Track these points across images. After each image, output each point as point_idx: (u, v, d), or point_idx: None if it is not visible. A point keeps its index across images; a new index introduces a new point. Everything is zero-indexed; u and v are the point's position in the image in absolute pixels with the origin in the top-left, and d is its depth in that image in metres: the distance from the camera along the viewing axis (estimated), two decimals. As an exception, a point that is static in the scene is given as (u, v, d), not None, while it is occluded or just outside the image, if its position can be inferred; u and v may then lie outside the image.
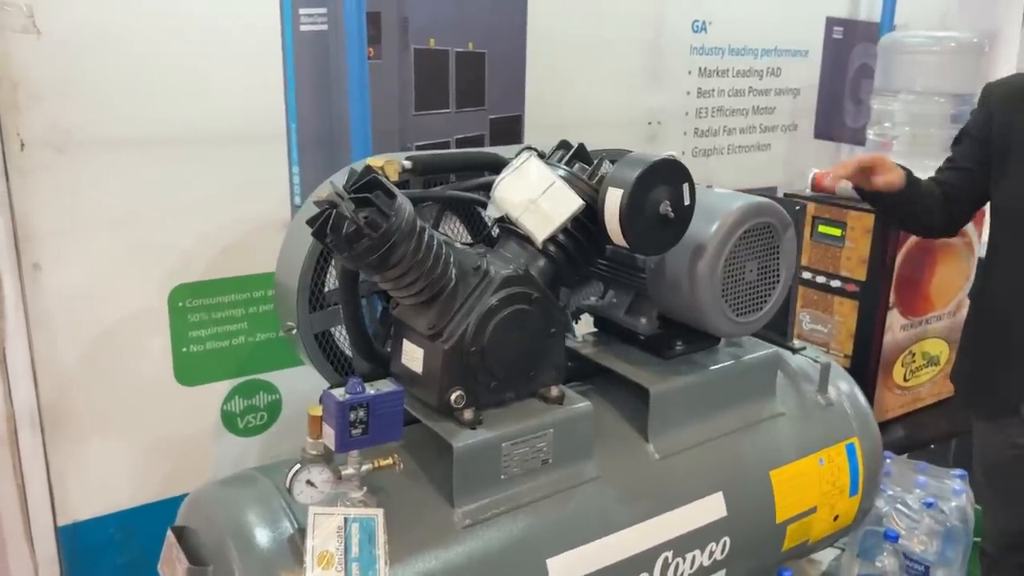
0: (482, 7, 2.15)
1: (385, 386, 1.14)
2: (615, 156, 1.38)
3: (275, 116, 1.97)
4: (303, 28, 1.93)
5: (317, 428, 1.15)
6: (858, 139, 3.41)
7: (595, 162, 1.37)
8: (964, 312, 2.28)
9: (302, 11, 1.93)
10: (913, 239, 2.54)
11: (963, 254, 2.67)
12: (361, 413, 1.09)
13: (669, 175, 1.31)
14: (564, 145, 1.42)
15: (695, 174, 1.35)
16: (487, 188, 1.42)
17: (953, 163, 1.99)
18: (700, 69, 2.83)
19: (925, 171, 2.58)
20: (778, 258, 1.54)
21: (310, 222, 1.13)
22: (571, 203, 1.30)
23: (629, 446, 1.53)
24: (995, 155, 1.84)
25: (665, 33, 2.70)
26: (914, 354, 2.68)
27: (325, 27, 1.93)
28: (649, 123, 2.72)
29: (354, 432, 1.09)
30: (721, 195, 1.50)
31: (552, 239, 1.34)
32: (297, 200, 2.01)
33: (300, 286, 1.41)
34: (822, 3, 3.19)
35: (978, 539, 2.15)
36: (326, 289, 1.47)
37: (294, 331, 1.42)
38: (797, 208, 1.72)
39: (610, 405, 1.58)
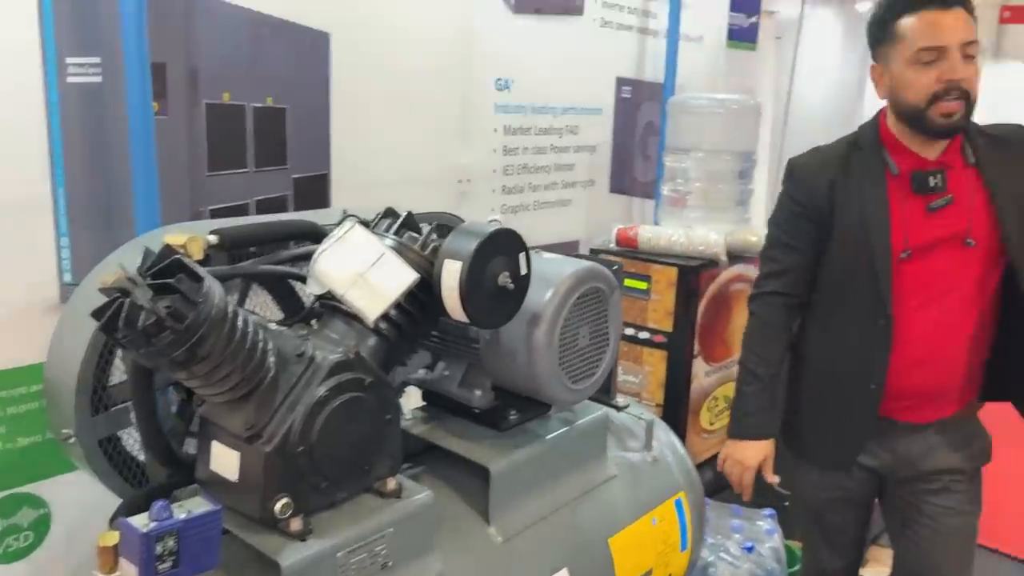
0: (281, 60, 2.01)
1: (197, 505, 0.96)
2: (441, 221, 1.29)
3: (38, 180, 1.70)
4: (71, 80, 1.69)
5: (110, 562, 0.94)
6: (648, 193, 3.57)
7: (426, 231, 1.27)
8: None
9: (69, 60, 1.68)
10: (712, 289, 2.66)
11: (754, 301, 2.84)
12: (170, 543, 0.91)
13: (506, 245, 1.24)
14: (391, 213, 1.31)
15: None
16: (305, 259, 1.27)
17: (791, 254, 1.85)
18: (505, 127, 2.83)
19: (716, 223, 2.72)
20: (607, 321, 1.51)
21: (96, 314, 0.94)
22: (405, 277, 1.19)
23: (471, 531, 1.42)
24: (824, 226, 1.80)
25: (471, 90, 2.68)
26: (717, 398, 2.79)
27: (99, 79, 1.69)
28: (459, 181, 2.67)
29: (162, 567, 0.90)
30: (550, 261, 1.45)
31: (384, 315, 1.21)
32: (67, 277, 1.74)
33: (80, 385, 1.18)
34: (612, 63, 3.32)
35: (792, 571, 2.24)
36: (111, 383, 1.24)
37: (71, 439, 1.18)
38: (615, 268, 1.72)
39: (446, 487, 1.46)
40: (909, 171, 1.73)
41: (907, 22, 1.65)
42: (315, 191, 2.11)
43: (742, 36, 4.78)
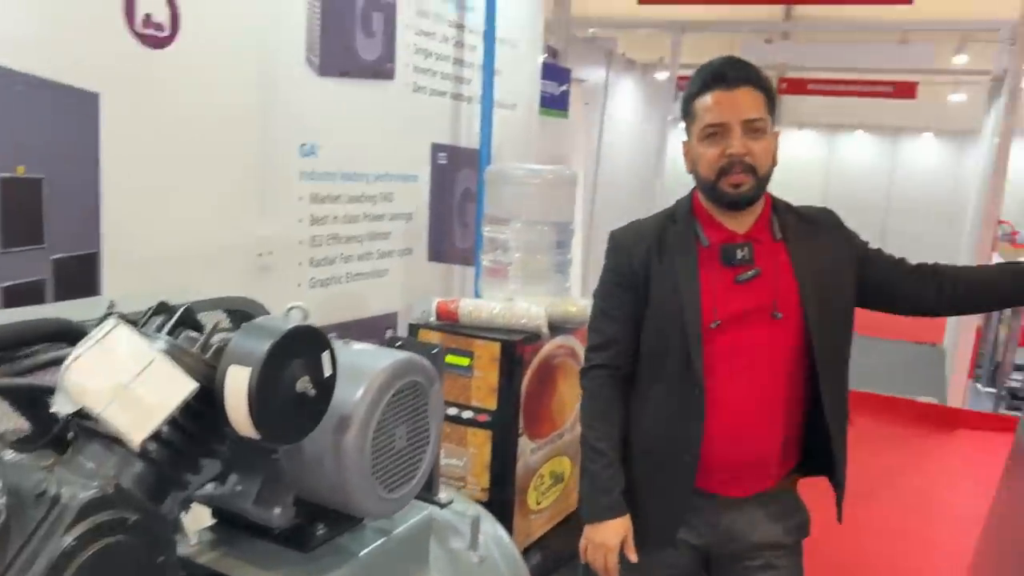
0: (36, 125, 1.73)
1: None
2: (234, 307, 1.10)
3: None
4: None
5: None
6: (467, 259, 3.49)
7: (208, 328, 1.08)
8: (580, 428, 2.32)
9: None
10: (536, 363, 2.58)
11: (575, 372, 2.79)
12: None
13: (306, 344, 1.07)
14: (164, 308, 1.10)
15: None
16: (58, 364, 1.04)
17: (614, 326, 1.85)
18: (312, 195, 2.65)
19: (536, 294, 2.66)
20: (427, 417, 1.36)
21: None
22: (179, 387, 0.99)
23: None
24: (641, 296, 1.83)
25: (272, 156, 2.48)
26: (544, 476, 2.70)
27: None
28: (260, 254, 2.44)
29: None
30: (360, 353, 1.29)
31: (153, 435, 1.00)
32: None
33: None
34: (426, 129, 3.24)
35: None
36: None
37: None
38: (435, 352, 1.59)
39: (240, 628, 1.24)
40: (719, 243, 1.77)
41: (699, 101, 1.74)
42: (81, 273, 1.82)
43: (554, 104, 4.90)
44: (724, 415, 1.76)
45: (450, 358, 2.48)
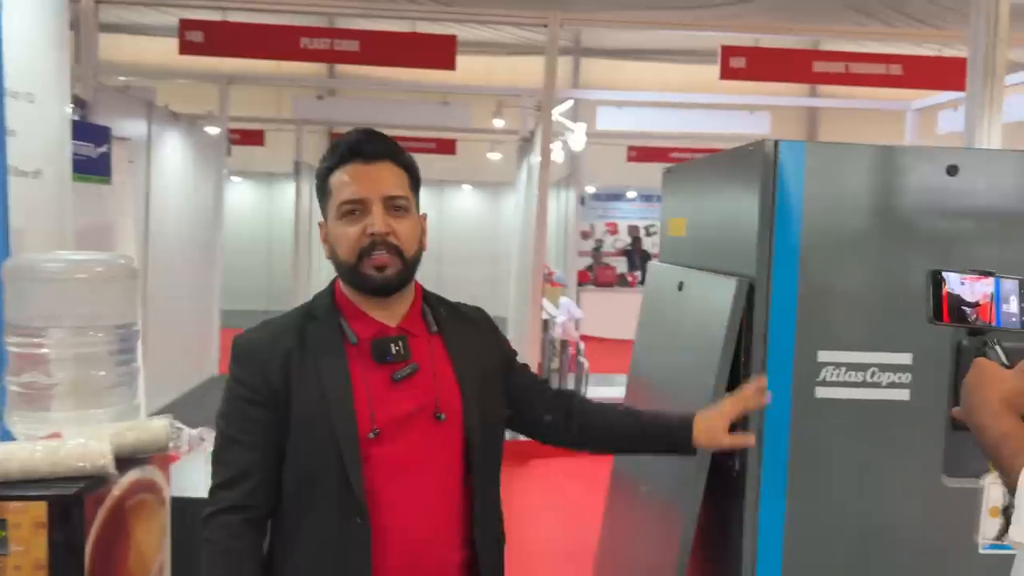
0: None
1: None
2: None
3: None
4: None
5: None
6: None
7: None
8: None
9: None
10: (102, 517, 1.98)
11: (157, 510, 2.23)
12: None
13: None
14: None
15: None
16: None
17: (247, 455, 1.53)
18: None
19: (96, 421, 2.08)
20: None
21: None
22: None
23: None
24: (282, 412, 1.54)
25: None
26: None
27: None
28: None
29: None
30: None
31: None
32: None
33: None
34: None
35: None
36: None
37: None
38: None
39: None
40: (369, 338, 1.57)
41: (336, 177, 1.58)
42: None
43: (92, 168, 4.12)
44: (395, 543, 1.51)
45: (-29, 536, 1.76)
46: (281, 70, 12.30)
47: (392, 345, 1.56)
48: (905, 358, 1.97)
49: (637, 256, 14.69)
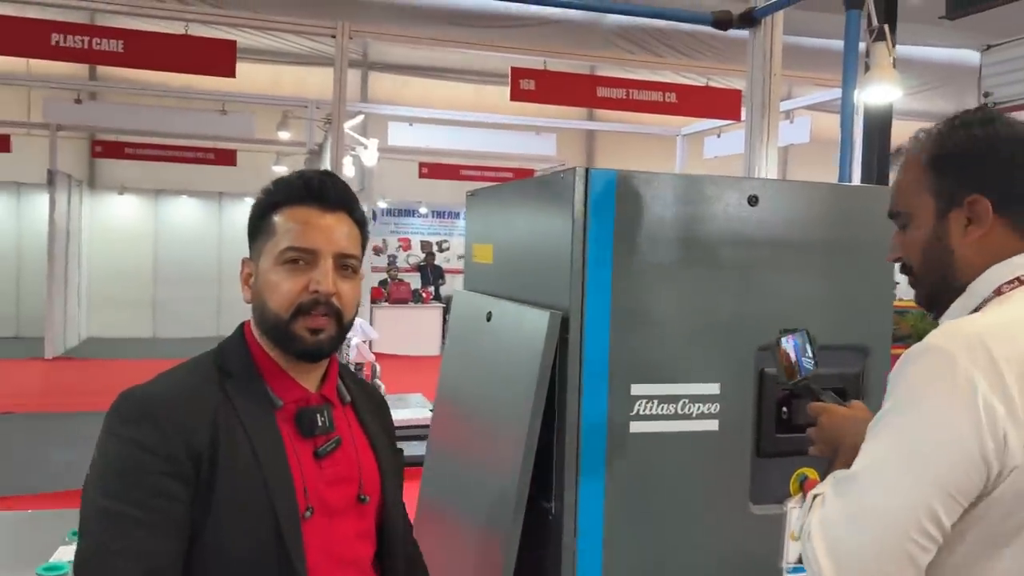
0: None
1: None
2: None
3: None
4: None
5: None
6: None
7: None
8: None
9: None
10: None
11: None
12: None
13: None
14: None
15: None
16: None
17: (152, 540, 1.21)
18: None
19: None
20: None
21: None
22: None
23: None
24: (204, 487, 1.27)
25: None
26: None
27: None
28: None
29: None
30: None
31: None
32: None
33: None
34: None
35: None
36: None
37: None
38: None
39: None
40: (294, 406, 1.38)
41: (283, 215, 1.39)
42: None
43: None
44: None
45: None
46: (35, 70, 11.07)
47: (319, 416, 1.39)
48: (713, 388, 1.97)
49: (430, 271, 14.63)
